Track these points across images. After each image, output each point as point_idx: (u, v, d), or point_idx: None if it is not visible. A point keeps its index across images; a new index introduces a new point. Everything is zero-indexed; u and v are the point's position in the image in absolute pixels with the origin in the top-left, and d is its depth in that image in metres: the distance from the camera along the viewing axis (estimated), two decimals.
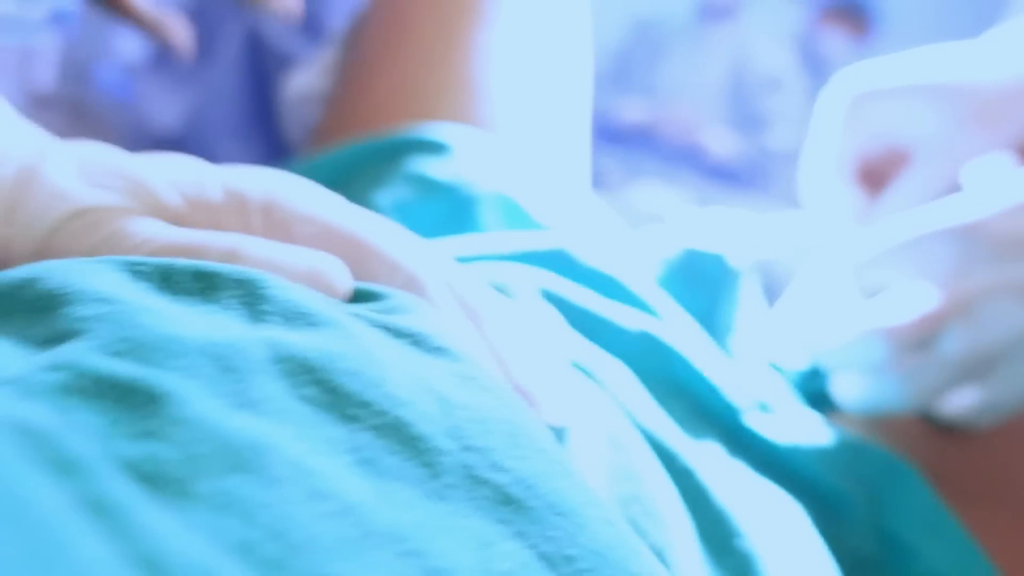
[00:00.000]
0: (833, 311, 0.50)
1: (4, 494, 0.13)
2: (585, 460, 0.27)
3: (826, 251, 0.49)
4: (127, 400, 0.15)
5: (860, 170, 0.52)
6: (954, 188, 0.52)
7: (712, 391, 0.39)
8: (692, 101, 2.36)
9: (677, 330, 0.40)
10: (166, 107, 0.88)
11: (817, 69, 2.25)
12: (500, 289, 0.37)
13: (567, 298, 0.38)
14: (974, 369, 0.39)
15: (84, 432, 0.15)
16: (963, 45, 0.51)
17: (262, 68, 0.73)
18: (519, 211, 0.52)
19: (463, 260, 0.40)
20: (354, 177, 0.49)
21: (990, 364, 0.39)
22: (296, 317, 0.18)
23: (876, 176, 0.51)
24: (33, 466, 0.13)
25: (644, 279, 0.44)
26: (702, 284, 0.44)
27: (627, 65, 2.44)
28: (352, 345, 0.18)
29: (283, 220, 0.23)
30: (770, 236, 0.51)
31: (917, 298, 0.40)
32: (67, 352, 0.16)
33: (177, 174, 0.24)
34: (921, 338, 0.39)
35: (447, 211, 0.46)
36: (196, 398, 0.16)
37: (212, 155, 0.39)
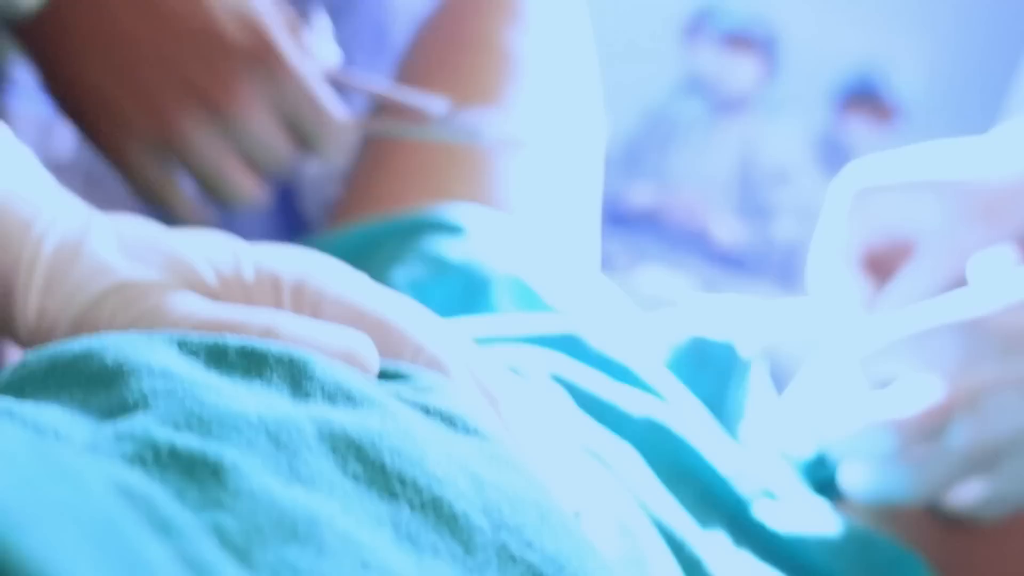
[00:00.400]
0: (841, 401, 0.51)
1: (124, 548, 0.13)
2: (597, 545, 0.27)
3: (833, 341, 0.50)
4: (191, 471, 0.16)
5: (867, 261, 0.53)
6: (959, 281, 0.53)
7: (719, 479, 0.39)
8: (700, 189, 2.39)
9: (685, 416, 0.40)
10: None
11: (838, 157, 2.28)
12: (513, 371, 0.37)
13: (577, 382, 0.38)
14: (980, 462, 0.40)
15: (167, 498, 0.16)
16: (968, 142, 0.52)
17: None
18: (531, 293, 0.53)
19: (478, 341, 0.41)
20: (371, 255, 0.50)
21: (996, 458, 0.39)
22: (338, 395, 0.19)
23: (883, 267, 0.53)
24: (140, 525, 0.14)
25: (652, 364, 0.44)
26: (711, 371, 0.45)
27: (637, 152, 2.49)
28: (392, 423, 0.19)
29: (313, 300, 0.24)
30: (777, 323, 0.52)
31: (924, 391, 0.40)
32: (133, 424, 0.17)
33: (213, 251, 0.25)
34: (928, 430, 0.39)
35: (461, 291, 0.47)
36: (254, 471, 0.16)
37: (226, 228, 0.40)
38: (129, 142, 0.41)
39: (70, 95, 0.41)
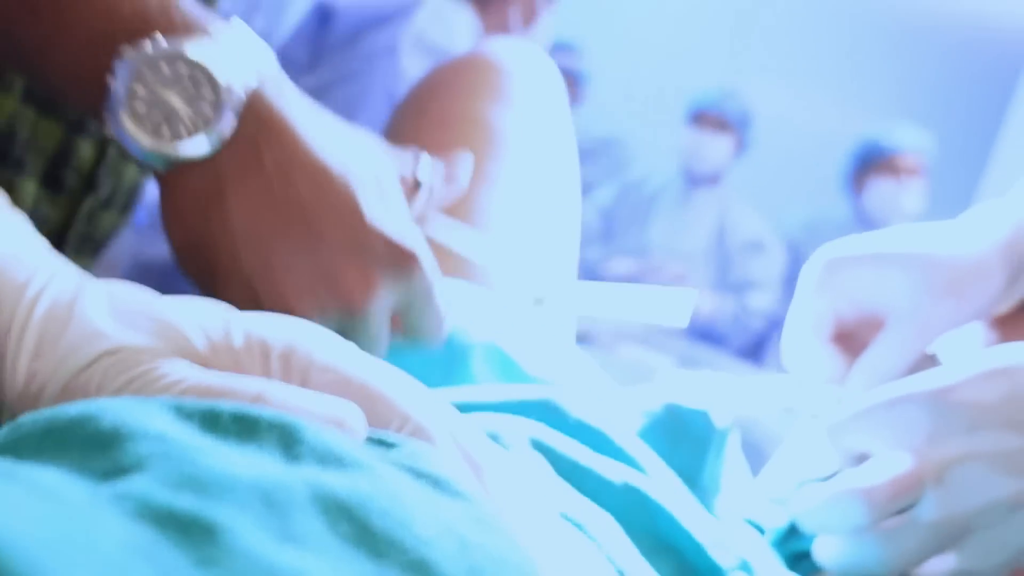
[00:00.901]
0: (812, 472, 0.51)
1: None
2: None
3: (806, 415, 0.51)
4: (187, 531, 0.17)
5: (839, 334, 0.54)
6: (930, 360, 0.54)
7: (697, 549, 0.39)
8: (677, 261, 2.42)
9: (662, 485, 0.41)
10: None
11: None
12: (493, 438, 0.38)
13: (556, 449, 0.39)
14: (950, 535, 0.40)
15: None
16: (935, 224, 0.54)
17: None
18: (509, 361, 0.54)
19: (459, 409, 0.42)
20: None
21: (965, 531, 0.40)
22: (329, 458, 0.20)
23: (856, 340, 0.54)
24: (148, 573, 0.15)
25: (629, 433, 0.45)
26: (687, 440, 0.45)
27: (614, 224, 2.52)
28: (381, 486, 0.19)
29: (302, 367, 0.25)
30: (754, 397, 0.53)
31: (893, 463, 0.41)
32: (130, 485, 0.17)
33: (203, 318, 0.26)
34: (896, 501, 0.40)
35: (440, 359, 0.48)
36: (246, 531, 0.17)
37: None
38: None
39: (201, 258, 0.40)
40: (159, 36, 0.39)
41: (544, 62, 0.74)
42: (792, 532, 0.49)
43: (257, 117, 0.40)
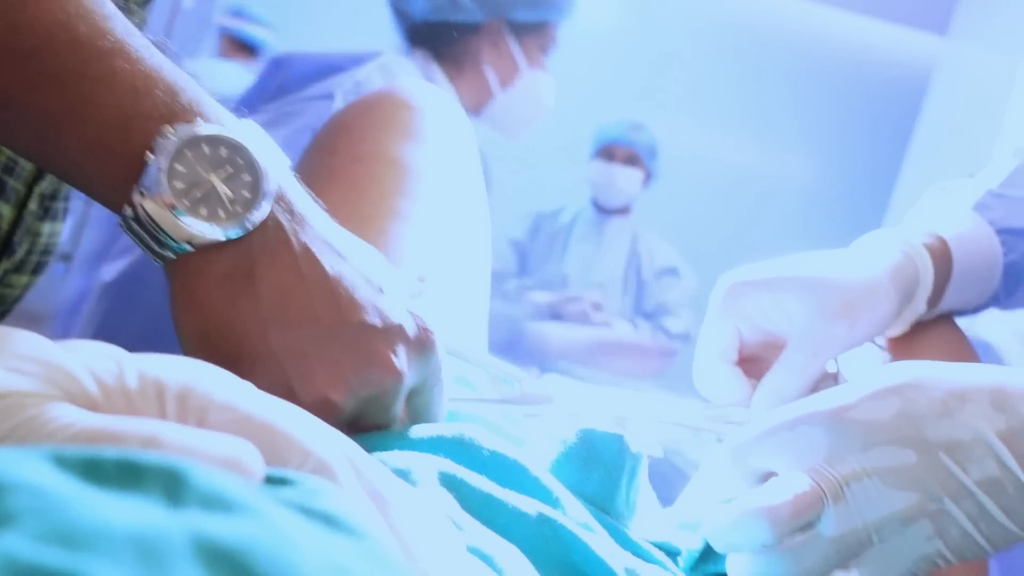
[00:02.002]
0: (721, 493, 0.52)
1: None
2: None
3: (713, 436, 0.52)
4: None
5: (744, 357, 0.56)
6: (830, 377, 0.56)
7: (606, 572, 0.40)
8: (594, 290, 2.45)
9: (575, 516, 0.41)
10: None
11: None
12: (402, 474, 0.38)
13: (468, 482, 0.39)
14: (851, 550, 0.42)
15: None
16: (828, 253, 0.56)
17: None
18: None
19: (368, 444, 0.41)
20: None
21: (865, 545, 0.41)
22: (215, 503, 0.19)
23: (761, 363, 0.55)
24: None
25: (542, 465, 0.45)
26: (600, 466, 0.46)
27: (530, 257, 2.54)
28: (269, 529, 0.19)
29: (199, 407, 0.25)
30: (664, 420, 0.54)
31: (794, 482, 0.42)
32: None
33: (94, 360, 0.25)
34: (798, 519, 0.41)
35: None
36: None
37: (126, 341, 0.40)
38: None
39: (223, 344, 0.40)
40: (201, 119, 0.39)
41: (453, 101, 0.75)
42: (707, 553, 0.50)
43: (285, 202, 0.41)
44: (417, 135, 0.69)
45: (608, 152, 2.47)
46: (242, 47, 2.93)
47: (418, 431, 0.43)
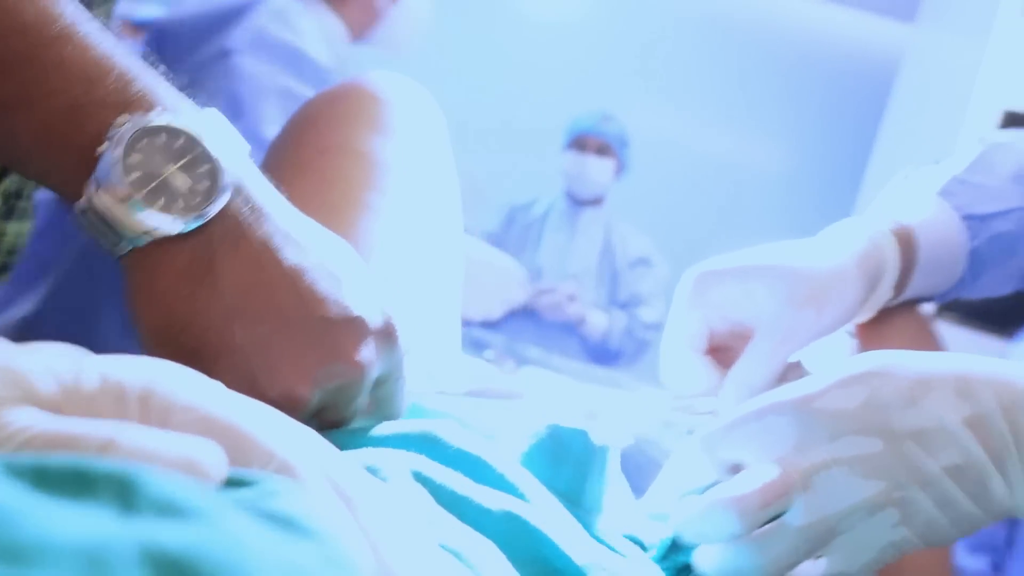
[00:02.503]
0: (690, 484, 0.53)
1: None
2: None
3: (683, 427, 0.53)
4: None
5: (713, 347, 0.56)
6: (796, 367, 0.56)
7: (578, 573, 0.40)
8: (569, 281, 2.45)
9: (543, 511, 0.41)
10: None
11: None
12: (373, 471, 0.38)
13: (435, 479, 0.39)
14: (818, 539, 0.42)
15: None
16: (795, 242, 0.57)
17: None
18: None
19: (336, 442, 0.41)
20: None
21: (832, 534, 0.42)
22: (168, 509, 0.19)
23: (730, 352, 0.56)
24: None
25: (510, 460, 0.45)
26: (568, 461, 0.46)
27: (504, 248, 2.54)
28: (222, 534, 0.19)
29: (161, 408, 0.24)
30: (634, 412, 0.54)
31: (762, 472, 0.43)
32: None
33: (53, 362, 0.25)
34: (766, 509, 0.42)
35: None
36: None
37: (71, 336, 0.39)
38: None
39: (184, 339, 0.39)
40: (156, 108, 0.38)
41: (423, 94, 0.75)
42: (676, 545, 0.50)
43: (244, 194, 0.40)
44: (386, 128, 0.69)
45: (580, 143, 2.47)
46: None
47: (385, 428, 0.43)
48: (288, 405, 0.39)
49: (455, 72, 2.88)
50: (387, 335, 0.43)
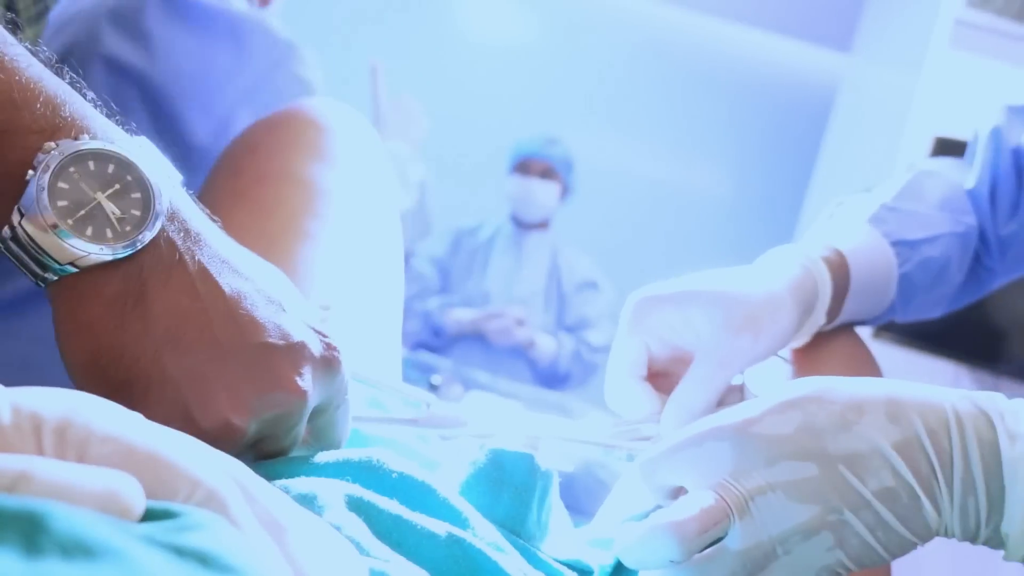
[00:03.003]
0: (632, 510, 0.53)
1: None
2: None
3: (624, 452, 0.53)
4: None
5: (655, 372, 0.57)
6: (737, 391, 0.57)
7: None
8: (516, 306, 2.46)
9: (484, 536, 0.41)
10: None
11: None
12: (307, 500, 0.37)
13: (376, 505, 0.39)
14: (756, 563, 0.42)
15: None
16: (731, 269, 0.58)
17: None
18: None
19: (273, 471, 0.41)
20: None
21: (770, 558, 0.42)
22: (75, 549, 0.19)
23: (672, 378, 0.56)
24: None
25: (452, 487, 0.45)
26: (510, 486, 0.46)
27: (451, 274, 2.53)
28: (132, 574, 0.18)
29: (79, 439, 0.24)
30: (577, 438, 0.54)
31: (701, 497, 0.43)
32: None
33: None
34: (705, 534, 0.42)
35: None
36: None
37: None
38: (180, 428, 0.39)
39: (113, 371, 0.37)
40: (85, 134, 0.37)
41: (362, 120, 0.75)
42: (620, 569, 0.50)
43: (177, 221, 0.39)
44: (327, 155, 0.68)
45: (524, 166, 2.48)
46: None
47: (325, 456, 0.42)
48: (224, 436, 0.38)
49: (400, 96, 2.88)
50: (328, 362, 0.42)
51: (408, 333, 2.25)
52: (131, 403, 0.36)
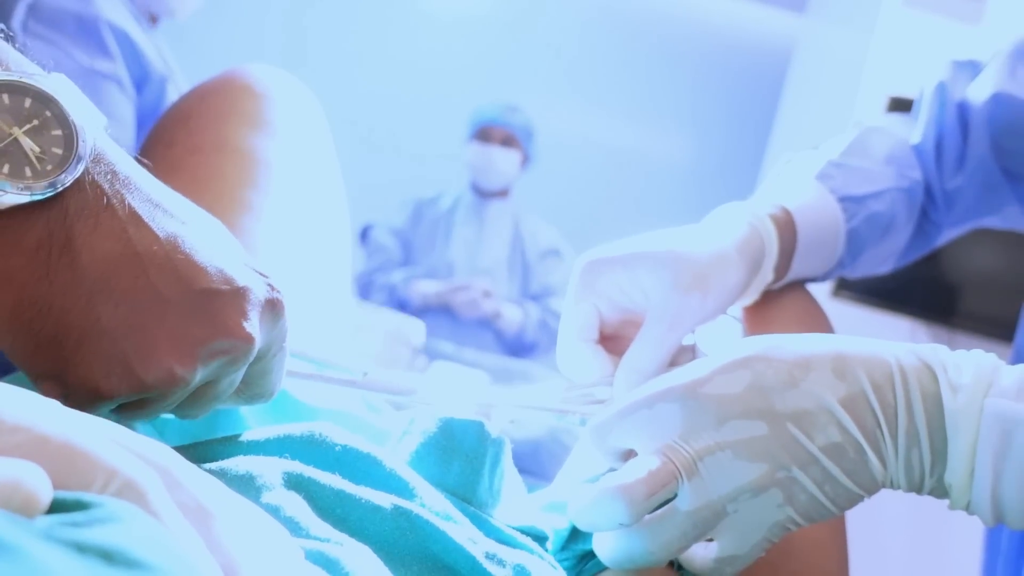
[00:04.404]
0: (586, 473, 0.53)
1: None
2: None
3: (577, 416, 0.52)
4: None
5: (607, 335, 0.56)
6: (688, 351, 0.57)
7: (471, 564, 0.39)
8: (481, 276, 2.45)
9: (432, 506, 0.41)
10: None
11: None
12: (244, 479, 0.36)
13: (319, 480, 0.38)
14: (707, 522, 0.42)
15: None
16: (679, 229, 0.57)
17: None
18: (285, 397, 0.52)
19: (211, 452, 0.40)
20: None
21: (719, 517, 0.42)
22: None
23: (623, 340, 0.56)
24: None
25: (401, 458, 0.44)
26: (460, 455, 0.45)
27: (413, 246, 2.52)
28: (27, 571, 0.18)
29: None
30: (531, 403, 0.54)
31: (651, 459, 0.43)
32: None
33: None
34: (654, 496, 0.42)
35: None
36: None
37: None
38: (120, 388, 0.36)
39: (39, 325, 0.35)
40: None
41: (300, 86, 0.73)
42: (576, 532, 0.50)
43: (104, 163, 0.36)
44: (265, 123, 0.66)
45: (484, 134, 2.46)
46: None
47: (265, 432, 0.41)
48: (167, 387, 0.36)
49: (357, 65, 2.84)
50: (273, 305, 0.40)
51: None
52: (63, 358, 0.35)
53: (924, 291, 1.82)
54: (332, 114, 0.76)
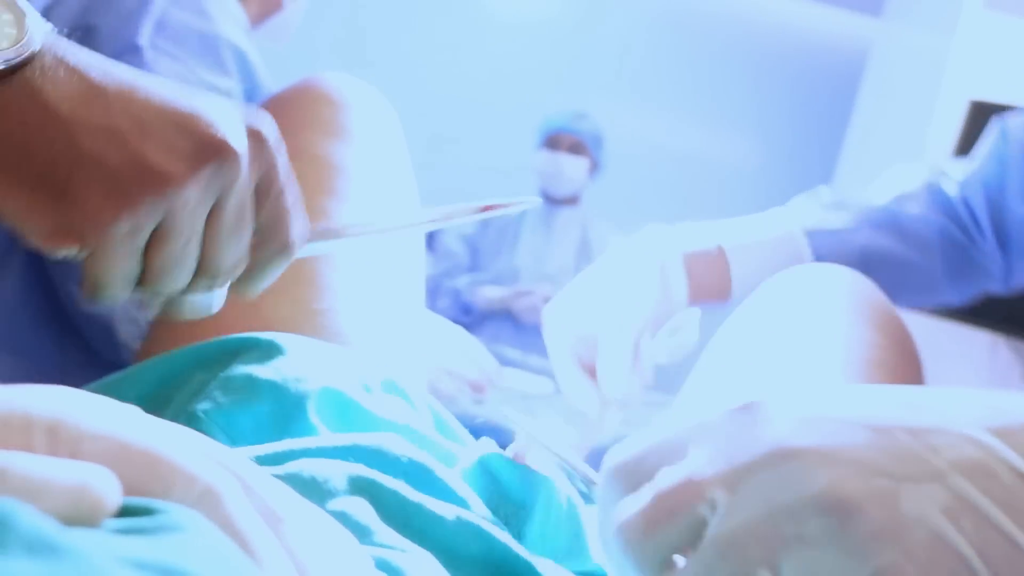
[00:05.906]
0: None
1: None
2: None
3: (587, 443, 0.55)
4: None
5: (590, 367, 0.61)
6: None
7: (530, 570, 0.39)
8: (546, 283, 2.45)
9: (489, 518, 0.41)
10: None
11: None
12: (312, 483, 0.37)
13: (384, 485, 0.38)
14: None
15: None
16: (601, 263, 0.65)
17: (48, 279, 0.68)
18: (350, 404, 0.52)
19: (279, 458, 0.40)
20: (183, 382, 0.48)
21: None
22: (39, 547, 0.18)
23: None
24: None
25: (454, 473, 0.44)
26: (509, 501, 0.44)
27: (480, 251, 2.53)
28: None
29: (71, 437, 0.24)
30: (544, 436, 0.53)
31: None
32: None
33: None
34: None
35: (272, 412, 0.45)
36: None
37: None
38: (120, 205, 0.37)
39: (24, 167, 0.36)
40: None
41: (377, 95, 0.74)
42: None
43: (59, 44, 0.38)
44: (343, 132, 0.67)
45: (553, 142, 2.46)
46: None
47: (334, 439, 0.42)
48: (161, 191, 0.37)
49: (427, 74, 2.87)
50: (256, 135, 0.41)
51: (438, 311, 2.26)
52: (55, 196, 0.37)
53: (1005, 303, 1.76)
54: (402, 122, 0.77)
